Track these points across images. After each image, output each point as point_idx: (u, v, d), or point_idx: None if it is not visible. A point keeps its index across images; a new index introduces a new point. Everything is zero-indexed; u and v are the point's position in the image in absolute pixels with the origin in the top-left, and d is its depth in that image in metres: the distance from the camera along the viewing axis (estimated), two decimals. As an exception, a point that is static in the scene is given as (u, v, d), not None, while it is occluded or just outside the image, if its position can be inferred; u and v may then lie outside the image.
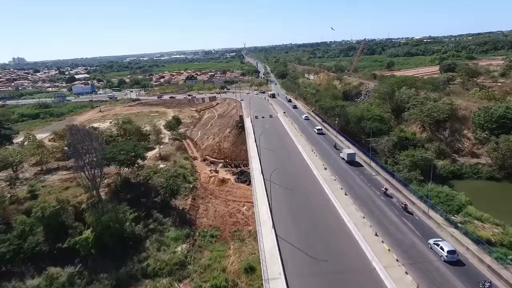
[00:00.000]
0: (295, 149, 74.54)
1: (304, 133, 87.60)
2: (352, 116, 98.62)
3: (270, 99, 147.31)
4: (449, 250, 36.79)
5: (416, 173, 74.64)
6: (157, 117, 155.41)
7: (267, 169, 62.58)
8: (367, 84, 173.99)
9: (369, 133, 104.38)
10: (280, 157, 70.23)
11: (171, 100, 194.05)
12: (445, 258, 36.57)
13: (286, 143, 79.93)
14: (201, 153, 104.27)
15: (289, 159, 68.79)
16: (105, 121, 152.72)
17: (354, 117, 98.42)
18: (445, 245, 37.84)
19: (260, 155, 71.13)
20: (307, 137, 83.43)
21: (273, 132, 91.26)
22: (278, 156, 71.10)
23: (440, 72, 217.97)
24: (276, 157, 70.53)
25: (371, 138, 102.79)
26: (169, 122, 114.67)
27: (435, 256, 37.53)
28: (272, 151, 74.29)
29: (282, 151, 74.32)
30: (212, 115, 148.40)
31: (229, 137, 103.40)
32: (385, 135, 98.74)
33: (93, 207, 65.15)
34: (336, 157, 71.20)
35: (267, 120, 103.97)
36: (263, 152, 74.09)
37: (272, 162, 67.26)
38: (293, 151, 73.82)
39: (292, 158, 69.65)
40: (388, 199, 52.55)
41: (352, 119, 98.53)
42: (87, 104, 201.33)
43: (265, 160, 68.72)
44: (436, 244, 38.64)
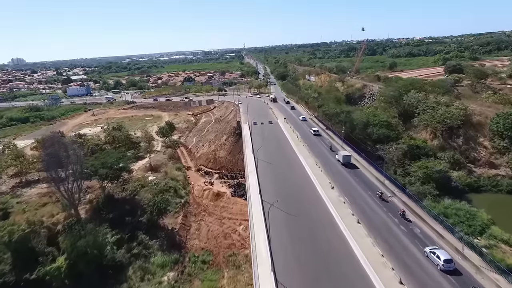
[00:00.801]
0: (297, 162, 66.67)
1: (307, 142, 79.77)
2: (358, 122, 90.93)
3: (270, 103, 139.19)
4: (445, 259, 35.52)
5: (431, 187, 67.12)
6: (151, 121, 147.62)
7: (266, 188, 54.94)
8: (371, 86, 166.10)
9: (376, 140, 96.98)
10: (281, 172, 62.38)
11: (167, 103, 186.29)
12: (442, 267, 35.35)
13: (287, 154, 72.10)
14: (195, 162, 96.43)
15: (291, 175, 60.94)
16: (97, 125, 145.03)
17: (359, 123, 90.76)
18: (442, 253, 36.43)
19: (259, 170, 63.31)
20: (309, 147, 75.55)
21: (273, 140, 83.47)
22: (278, 171, 63.28)
23: (444, 73, 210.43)
24: (277, 172, 62.72)
25: (378, 145, 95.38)
26: (161, 128, 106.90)
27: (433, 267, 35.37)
28: (272, 164, 66.47)
29: (283, 165, 66.43)
30: (209, 119, 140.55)
31: (225, 145, 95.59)
32: (393, 142, 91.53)
33: (70, 229, 57.58)
34: (343, 171, 63.35)
35: (266, 127, 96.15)
36: (262, 165, 66.34)
37: (272, 179, 59.53)
38: (295, 164, 65.93)
39: (294, 173, 61.79)
40: (407, 226, 44.63)
41: (358, 125, 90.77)
42: (80, 107, 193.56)
43: (264, 176, 60.86)
44: (432, 252, 37.05)
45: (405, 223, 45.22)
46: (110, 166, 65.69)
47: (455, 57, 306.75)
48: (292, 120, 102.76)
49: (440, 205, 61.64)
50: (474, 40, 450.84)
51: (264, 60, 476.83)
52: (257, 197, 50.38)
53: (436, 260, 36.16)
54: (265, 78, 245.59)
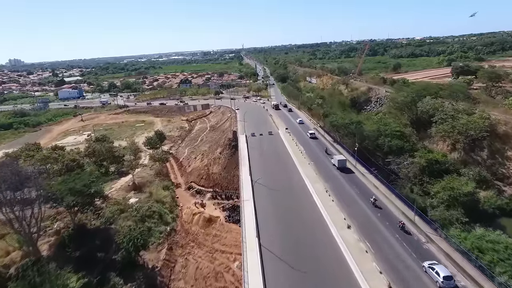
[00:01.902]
0: (304, 188, 54.99)
1: (313, 159, 68.15)
2: (367, 131, 79.87)
3: (270, 109, 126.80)
4: (445, 275, 33.11)
5: (458, 212, 56.02)
6: (142, 128, 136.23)
7: (265, 228, 43.63)
8: (377, 89, 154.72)
9: (387, 152, 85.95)
10: (284, 204, 50.50)
11: (161, 107, 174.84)
12: (441, 284, 32.95)
13: (290, 176, 60.42)
14: (186, 178, 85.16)
15: (297, 207, 48.94)
16: (84, 132, 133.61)
17: (369, 132, 79.73)
18: (441, 269, 33.94)
19: (257, 198, 51.99)
20: (317, 166, 64.00)
21: (274, 156, 71.97)
22: (281, 202, 51.43)
23: (452, 75, 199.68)
24: (279, 204, 50.96)
25: (390, 158, 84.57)
26: (149, 139, 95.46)
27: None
28: (273, 190, 54.90)
29: (286, 192, 54.50)
30: (203, 127, 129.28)
31: (219, 159, 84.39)
32: (406, 154, 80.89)
33: (26, 272, 46.31)
34: (358, 201, 51.89)
35: (265, 139, 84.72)
36: (261, 191, 55.06)
37: (273, 214, 48.02)
38: (301, 191, 54.13)
39: (301, 205, 49.83)
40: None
41: (368, 135, 79.50)
42: (70, 111, 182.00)
43: (264, 208, 49.29)
44: (431, 268, 34.53)
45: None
46: (80, 192, 54.31)
47: (459, 57, 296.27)
48: (295, 130, 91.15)
49: (471, 236, 50.41)
50: (477, 40, 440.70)
51: (264, 61, 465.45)
52: (255, 242, 39.03)
53: (435, 276, 33.59)
54: (264, 81, 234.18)
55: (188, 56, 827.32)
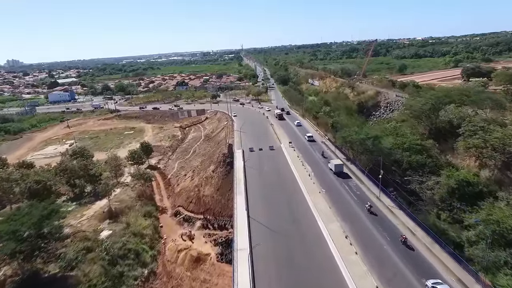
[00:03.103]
0: (316, 230, 41.91)
1: (325, 185, 55.11)
2: (388, 148, 67.26)
3: (270, 116, 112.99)
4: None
5: (507, 254, 43.55)
6: (130, 136, 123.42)
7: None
8: (386, 93, 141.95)
9: (405, 169, 73.45)
10: (292, 256, 37.48)
11: (154, 112, 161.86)
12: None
13: (297, 210, 47.39)
14: (173, 201, 72.47)
15: (309, 263, 36.01)
16: (67, 142, 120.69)
17: (391, 149, 67.17)
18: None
19: (256, 243, 39.20)
20: (330, 196, 51.05)
21: (276, 181, 58.80)
22: (286, 252, 38.21)
23: (462, 76, 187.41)
24: (283, 254, 37.95)
25: (410, 175, 72.10)
26: (133, 153, 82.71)
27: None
28: (275, 233, 42.04)
29: (292, 235, 41.34)
30: (198, 135, 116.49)
31: (212, 179, 71.60)
32: (427, 168, 67.90)
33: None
34: (391, 256, 39.04)
35: (266, 156, 71.65)
36: (260, 233, 42.30)
37: (276, 269, 35.25)
38: (312, 234, 40.93)
39: (314, 258, 36.82)
40: None
41: (388, 153, 66.75)
42: (57, 116, 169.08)
43: (264, 261, 36.52)
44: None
45: None
46: (25, 238, 41.43)
47: (466, 58, 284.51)
48: (300, 144, 77.59)
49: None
50: (481, 40, 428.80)
51: (264, 62, 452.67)
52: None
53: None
54: (264, 83, 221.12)
55: (187, 56, 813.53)
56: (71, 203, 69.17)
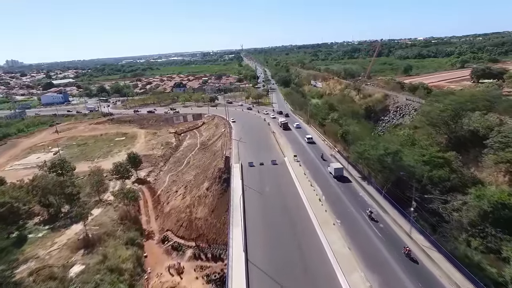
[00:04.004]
0: (331, 278, 32.55)
1: (340, 214, 45.34)
2: (410, 166, 57.59)
3: (272, 122, 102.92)
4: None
5: None
6: (121, 143, 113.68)
7: None
8: (395, 97, 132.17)
9: (425, 184, 63.94)
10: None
11: (149, 116, 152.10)
12: None
13: (309, 250, 37.40)
14: (161, 223, 62.84)
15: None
16: (52, 149, 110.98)
17: (414, 166, 57.49)
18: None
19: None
20: (347, 228, 41.36)
21: (280, 206, 48.57)
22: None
23: (471, 78, 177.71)
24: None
25: (431, 192, 62.79)
26: (118, 166, 73.04)
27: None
28: (281, 277, 32.52)
29: (301, 284, 32.35)
30: (193, 143, 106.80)
31: (206, 198, 62.03)
32: (448, 182, 59.50)
33: None
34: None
35: (268, 172, 61.75)
36: (262, 284, 32.70)
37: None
38: (329, 285, 31.77)
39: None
40: None
41: (404, 166, 57.00)
42: (47, 120, 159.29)
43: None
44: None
45: None
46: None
47: (472, 59, 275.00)
48: (306, 158, 66.62)
49: None
50: (485, 40, 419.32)
51: (264, 62, 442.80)
52: None
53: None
54: (265, 84, 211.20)
55: (187, 57, 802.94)
56: (43, 227, 59.62)
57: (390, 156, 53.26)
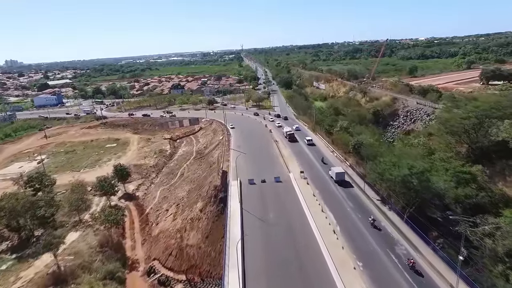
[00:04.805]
0: None
1: (359, 250, 36.84)
2: (438, 187, 49.13)
3: (274, 129, 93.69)
4: None
5: None
6: (112, 151, 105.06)
7: None
8: (405, 100, 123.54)
9: (448, 203, 55.88)
10: None
11: (144, 120, 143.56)
12: None
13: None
14: (148, 249, 54.27)
15: None
16: (37, 157, 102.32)
17: (444, 188, 49.09)
18: None
19: None
20: (372, 273, 32.78)
21: (286, 240, 39.12)
22: None
23: (480, 79, 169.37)
24: None
25: (457, 214, 55.18)
26: (102, 181, 64.42)
27: None
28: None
29: None
30: (189, 151, 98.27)
31: (200, 221, 53.55)
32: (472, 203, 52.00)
33: None
34: None
35: (270, 192, 52.61)
36: None
37: None
38: None
39: None
40: None
41: (431, 188, 48.35)
42: (37, 124, 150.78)
43: None
44: None
45: None
46: None
47: (478, 59, 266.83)
48: (314, 173, 58.10)
49: None
50: (489, 40, 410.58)
51: (265, 62, 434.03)
52: None
53: None
54: (266, 86, 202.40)
55: (187, 57, 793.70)
56: (9, 256, 51.09)
57: (416, 177, 44.69)
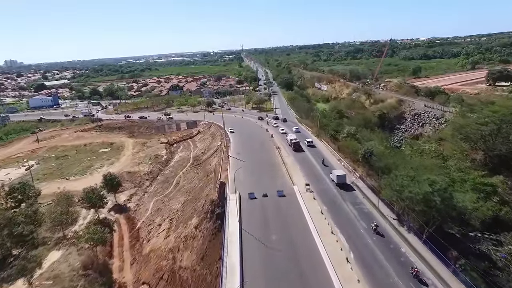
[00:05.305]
0: None
1: (377, 281, 31.60)
2: (464, 206, 43.49)
3: (276, 134, 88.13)
4: None
5: None
6: (105, 156, 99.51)
7: None
8: (411, 103, 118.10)
9: (467, 219, 50.24)
10: None
11: (141, 122, 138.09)
12: None
13: None
14: (137, 271, 48.77)
15: None
16: (26, 162, 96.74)
17: (469, 208, 43.47)
18: None
19: None
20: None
21: (292, 268, 34.31)
22: None
23: (487, 80, 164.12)
24: None
25: (478, 230, 50.02)
26: (89, 193, 58.89)
27: None
28: None
29: None
30: (186, 156, 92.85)
31: (194, 240, 48.14)
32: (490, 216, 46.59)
33: None
34: None
35: (273, 208, 46.63)
36: None
37: None
38: None
39: None
40: None
41: (455, 206, 42.70)
42: (31, 126, 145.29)
43: None
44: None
45: None
46: None
47: (482, 60, 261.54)
48: (321, 186, 52.53)
49: None
50: (491, 41, 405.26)
51: (265, 63, 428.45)
52: None
53: None
54: (267, 87, 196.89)
55: (187, 57, 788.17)
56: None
57: (439, 194, 39.23)
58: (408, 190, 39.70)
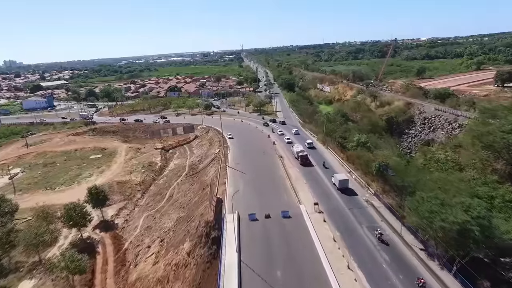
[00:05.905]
0: None
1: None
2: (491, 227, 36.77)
3: (279, 141, 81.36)
4: None
5: None
6: (95, 163, 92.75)
7: None
8: (421, 106, 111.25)
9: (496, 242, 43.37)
10: None
11: (136, 126, 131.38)
12: None
13: None
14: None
15: None
16: (11, 170, 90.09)
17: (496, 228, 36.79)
18: None
19: None
20: None
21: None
22: None
23: (495, 81, 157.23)
24: None
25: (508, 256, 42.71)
26: (70, 211, 52.25)
27: None
28: None
29: None
30: (181, 164, 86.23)
31: (186, 269, 41.55)
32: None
33: None
34: None
35: (277, 233, 39.23)
36: None
37: None
38: None
39: None
40: None
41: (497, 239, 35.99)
42: (21, 130, 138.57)
43: None
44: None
45: None
46: None
47: (487, 60, 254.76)
48: (332, 205, 46.32)
49: None
50: (494, 40, 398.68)
51: (265, 63, 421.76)
52: None
53: None
54: (267, 88, 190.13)
55: (187, 57, 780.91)
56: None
57: (477, 222, 32.66)
58: (440, 218, 32.99)
